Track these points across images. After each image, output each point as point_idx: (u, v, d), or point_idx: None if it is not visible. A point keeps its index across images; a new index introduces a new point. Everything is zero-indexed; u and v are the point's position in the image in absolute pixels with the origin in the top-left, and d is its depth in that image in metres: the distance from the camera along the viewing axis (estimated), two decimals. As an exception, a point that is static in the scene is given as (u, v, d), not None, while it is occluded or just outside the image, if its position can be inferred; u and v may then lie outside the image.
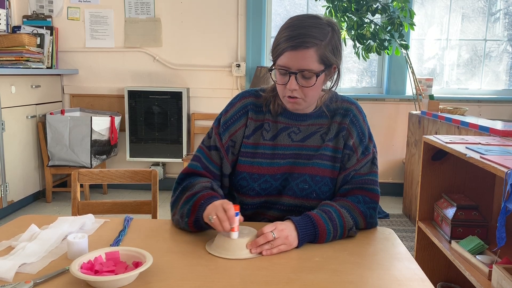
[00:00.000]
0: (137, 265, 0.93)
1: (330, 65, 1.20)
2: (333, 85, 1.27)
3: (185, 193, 1.23)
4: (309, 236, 1.11)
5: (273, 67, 1.21)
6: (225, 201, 1.10)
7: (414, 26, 3.59)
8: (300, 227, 1.10)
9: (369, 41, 3.56)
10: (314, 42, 1.14)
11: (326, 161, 1.26)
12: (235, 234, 1.05)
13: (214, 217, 1.06)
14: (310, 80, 1.17)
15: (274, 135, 1.29)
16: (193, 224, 1.16)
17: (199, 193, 1.19)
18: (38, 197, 3.83)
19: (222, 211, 1.06)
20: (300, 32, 1.13)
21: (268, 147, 1.28)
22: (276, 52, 1.17)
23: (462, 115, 3.05)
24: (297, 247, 1.09)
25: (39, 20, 3.96)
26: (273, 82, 1.30)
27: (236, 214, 1.05)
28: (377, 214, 1.27)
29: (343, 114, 1.29)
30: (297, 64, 1.15)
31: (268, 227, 1.07)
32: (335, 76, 1.26)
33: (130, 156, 3.98)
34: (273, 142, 1.28)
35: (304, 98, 1.21)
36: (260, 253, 1.04)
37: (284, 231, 1.07)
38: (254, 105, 1.31)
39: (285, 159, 1.27)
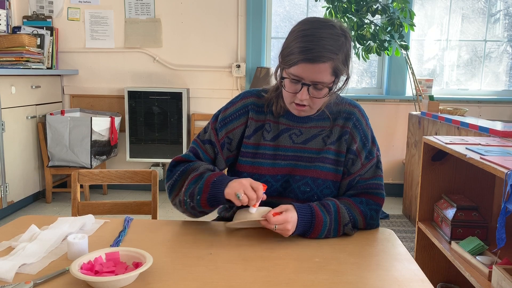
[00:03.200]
0: (137, 265, 0.93)
1: (342, 73, 1.20)
2: (340, 90, 1.27)
3: (188, 175, 1.24)
4: (306, 224, 1.14)
5: (284, 75, 1.19)
6: (253, 180, 1.13)
7: (414, 26, 3.59)
8: (300, 210, 1.14)
9: (369, 42, 3.57)
10: (330, 56, 1.13)
11: (328, 164, 1.26)
12: (253, 209, 1.12)
13: (243, 194, 1.10)
14: (321, 91, 1.17)
15: (275, 136, 1.29)
16: (206, 201, 1.18)
17: (207, 173, 1.21)
18: (38, 198, 3.82)
19: (252, 191, 1.10)
20: (317, 44, 1.11)
21: (269, 148, 1.28)
22: (290, 62, 1.15)
23: (462, 115, 3.06)
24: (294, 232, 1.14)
25: (39, 20, 3.96)
26: (274, 83, 1.30)
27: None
28: (379, 216, 1.28)
29: (346, 118, 1.29)
30: (311, 76, 1.14)
31: (277, 217, 1.10)
32: (343, 84, 1.25)
33: (130, 157, 3.98)
34: (274, 143, 1.28)
35: (311, 106, 1.21)
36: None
37: (287, 225, 1.10)
38: (255, 105, 1.31)
39: (286, 160, 1.27)
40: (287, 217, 1.10)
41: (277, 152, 1.27)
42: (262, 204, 1.18)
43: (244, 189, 1.11)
